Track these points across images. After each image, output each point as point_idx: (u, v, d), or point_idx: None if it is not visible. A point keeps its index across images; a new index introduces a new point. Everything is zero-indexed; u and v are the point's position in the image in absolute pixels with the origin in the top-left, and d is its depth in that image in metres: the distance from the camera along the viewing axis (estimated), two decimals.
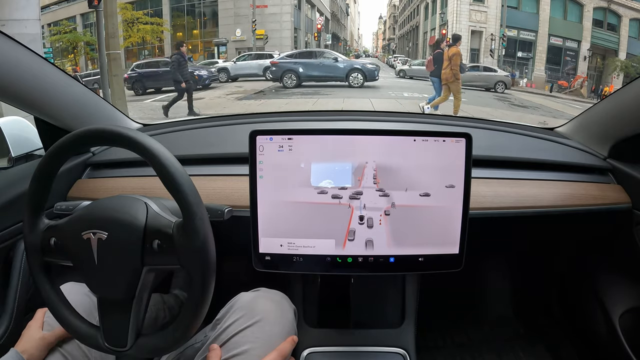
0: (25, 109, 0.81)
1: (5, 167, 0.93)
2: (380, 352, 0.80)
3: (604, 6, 13.96)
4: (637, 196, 0.84)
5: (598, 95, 12.35)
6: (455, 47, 5.53)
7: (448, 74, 5.43)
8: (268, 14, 16.11)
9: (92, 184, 0.92)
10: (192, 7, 16.65)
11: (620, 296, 0.94)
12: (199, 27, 16.72)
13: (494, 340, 1.19)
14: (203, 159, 0.92)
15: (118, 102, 6.41)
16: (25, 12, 6.12)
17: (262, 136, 0.67)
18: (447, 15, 16.01)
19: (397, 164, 0.68)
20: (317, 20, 19.08)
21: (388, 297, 0.88)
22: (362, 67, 9.89)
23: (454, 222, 0.69)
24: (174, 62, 6.20)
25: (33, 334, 0.62)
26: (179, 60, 6.14)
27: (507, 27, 14.62)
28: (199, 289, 0.50)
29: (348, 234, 0.69)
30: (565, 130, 1.05)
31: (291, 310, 0.71)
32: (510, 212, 0.81)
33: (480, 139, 0.75)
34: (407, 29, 24.61)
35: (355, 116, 1.12)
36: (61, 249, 0.54)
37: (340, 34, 25.96)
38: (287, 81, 9.87)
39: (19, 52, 0.71)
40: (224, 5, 16.11)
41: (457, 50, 5.47)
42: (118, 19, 8.40)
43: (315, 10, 19.71)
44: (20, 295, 0.78)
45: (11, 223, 0.77)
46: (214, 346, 0.61)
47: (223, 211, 0.62)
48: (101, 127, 0.52)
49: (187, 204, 0.49)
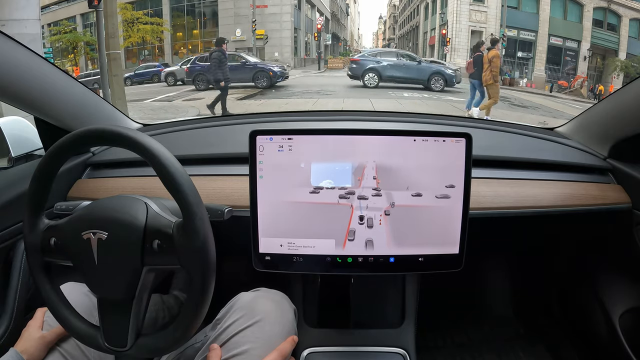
0: (25, 109, 0.81)
1: (5, 167, 0.93)
2: (380, 352, 0.80)
3: (604, 6, 13.96)
4: (637, 196, 0.84)
5: (594, 94, 12.35)
6: (495, 50, 5.63)
7: (488, 76, 5.51)
8: (268, 14, 16.10)
9: (92, 184, 0.92)
10: (192, 7, 16.64)
11: (620, 296, 0.94)
12: (199, 27, 16.71)
13: (494, 340, 1.19)
14: (203, 159, 0.92)
15: (118, 102, 6.40)
16: (25, 12, 6.12)
17: (262, 136, 0.67)
18: (447, 15, 16.00)
19: (397, 164, 0.68)
20: (317, 20, 19.06)
21: (388, 297, 0.88)
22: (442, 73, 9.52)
23: (454, 222, 0.69)
24: (215, 60, 5.76)
25: (32, 333, 0.62)
26: (220, 57, 5.74)
27: (507, 27, 14.61)
28: (198, 289, 0.50)
29: (348, 234, 0.69)
30: (565, 130, 1.05)
31: (291, 310, 0.71)
32: (510, 212, 0.81)
33: (480, 139, 0.75)
34: (407, 29, 24.61)
35: (355, 116, 1.13)
36: (61, 249, 0.54)
37: (340, 34, 25.95)
38: (369, 80, 9.53)
39: (19, 52, 0.71)
40: (224, 5, 16.10)
41: (497, 53, 5.57)
42: (118, 19, 8.39)
43: (315, 10, 19.70)
44: (20, 295, 0.78)
45: (11, 223, 0.77)
46: (214, 346, 0.61)
47: (223, 211, 0.62)
48: (101, 127, 0.52)
49: (187, 204, 0.49)
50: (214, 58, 5.83)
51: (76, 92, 0.89)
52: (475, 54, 6.03)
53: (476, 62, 5.80)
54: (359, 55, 10.26)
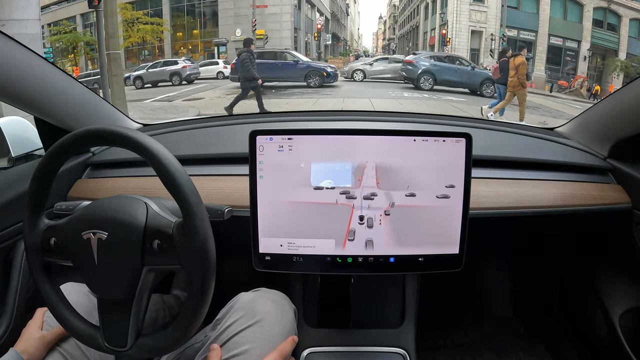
0: (25, 109, 0.81)
1: (5, 167, 0.93)
2: (380, 352, 0.80)
3: (604, 6, 13.96)
4: (637, 196, 0.84)
5: (591, 94, 12.36)
6: (521, 57, 5.73)
7: (515, 82, 5.63)
8: (268, 14, 16.10)
9: (92, 184, 0.92)
10: (192, 7, 16.65)
11: (620, 296, 0.94)
12: (199, 27, 16.71)
13: (494, 340, 1.19)
14: (203, 159, 0.92)
15: (118, 102, 6.40)
16: (25, 12, 6.12)
17: (262, 136, 0.67)
18: (447, 15, 16.01)
19: (397, 164, 0.68)
20: (317, 20, 19.06)
21: (388, 297, 0.88)
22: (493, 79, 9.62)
23: (454, 222, 0.69)
24: (245, 60, 5.68)
25: (32, 333, 0.62)
26: (249, 58, 5.70)
27: (507, 27, 14.61)
28: (199, 289, 0.50)
29: (348, 234, 0.69)
30: (565, 130, 1.05)
31: (291, 310, 0.71)
32: (510, 212, 0.81)
33: (480, 139, 0.75)
34: (407, 29, 24.61)
35: (355, 116, 1.13)
36: (61, 249, 0.54)
37: (340, 34, 25.96)
38: (424, 83, 9.56)
39: (19, 52, 0.71)
40: (224, 5, 16.10)
41: (523, 60, 5.68)
42: (118, 19, 8.40)
43: (315, 10, 19.70)
44: (20, 295, 0.78)
45: (11, 223, 0.77)
46: (214, 346, 0.61)
47: (223, 211, 0.62)
48: (101, 127, 0.52)
49: (187, 204, 0.49)
50: (244, 59, 5.77)
51: (76, 92, 0.89)
52: (501, 59, 6.30)
53: (502, 68, 6.05)
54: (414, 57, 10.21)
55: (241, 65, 5.84)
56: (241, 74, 6.11)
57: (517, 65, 5.59)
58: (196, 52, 16.45)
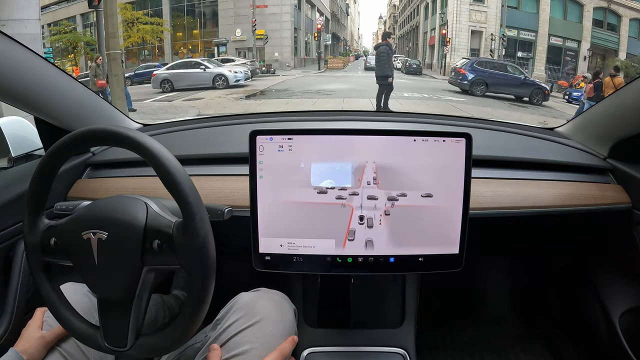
0: (25, 109, 0.81)
1: (5, 167, 0.93)
2: (380, 352, 0.80)
3: (604, 6, 13.97)
4: (637, 196, 0.84)
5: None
6: (619, 78, 6.49)
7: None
8: (268, 14, 16.12)
9: (92, 184, 0.92)
10: (192, 7, 16.66)
11: (620, 296, 0.94)
12: (199, 27, 16.72)
13: (494, 340, 1.19)
14: (203, 159, 0.92)
15: (118, 102, 6.41)
16: (25, 12, 6.13)
17: (262, 136, 0.67)
18: (447, 15, 16.01)
19: (397, 164, 0.67)
20: (317, 20, 19.07)
21: (388, 297, 0.88)
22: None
23: (454, 222, 0.69)
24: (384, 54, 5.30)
25: (32, 333, 0.62)
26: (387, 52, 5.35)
27: (507, 27, 14.63)
28: (198, 289, 0.50)
29: (348, 234, 0.69)
30: (565, 130, 1.05)
31: (291, 310, 0.71)
32: (510, 212, 0.81)
33: (480, 139, 0.75)
34: (407, 29, 24.61)
35: (355, 116, 1.13)
36: (61, 249, 0.54)
37: (340, 34, 25.96)
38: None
39: (19, 52, 0.71)
40: (224, 5, 16.11)
41: (622, 81, 6.35)
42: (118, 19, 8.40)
43: (315, 10, 19.72)
44: (20, 295, 0.78)
45: (11, 223, 0.77)
46: (214, 346, 0.61)
47: (223, 211, 0.62)
48: (101, 127, 0.52)
49: (187, 204, 0.49)
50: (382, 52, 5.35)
51: (76, 92, 0.89)
52: (595, 80, 7.08)
53: (597, 88, 6.83)
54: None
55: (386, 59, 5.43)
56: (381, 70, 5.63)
57: (617, 85, 6.08)
58: (196, 52, 16.45)
